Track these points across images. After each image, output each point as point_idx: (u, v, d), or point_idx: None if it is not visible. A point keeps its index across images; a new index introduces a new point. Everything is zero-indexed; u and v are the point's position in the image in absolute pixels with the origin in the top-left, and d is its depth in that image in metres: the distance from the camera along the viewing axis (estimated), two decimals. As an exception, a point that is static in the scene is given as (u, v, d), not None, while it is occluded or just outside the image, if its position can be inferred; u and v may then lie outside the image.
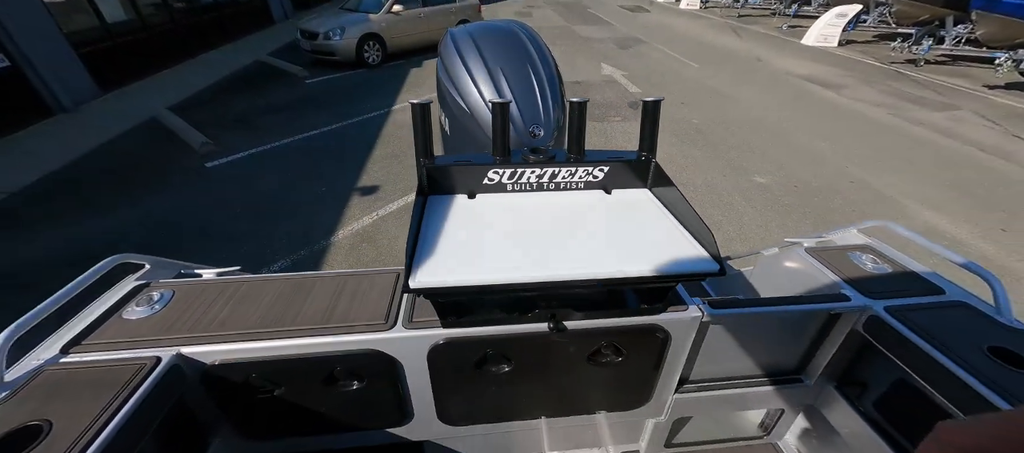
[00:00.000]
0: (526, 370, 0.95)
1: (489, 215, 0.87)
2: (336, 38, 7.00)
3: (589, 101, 0.98)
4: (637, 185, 0.99)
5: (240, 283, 1.00)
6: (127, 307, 0.92)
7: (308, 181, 3.88)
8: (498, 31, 1.52)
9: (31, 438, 0.65)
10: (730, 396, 1.13)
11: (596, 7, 14.12)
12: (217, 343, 0.83)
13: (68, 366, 0.78)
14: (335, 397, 0.93)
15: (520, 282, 0.69)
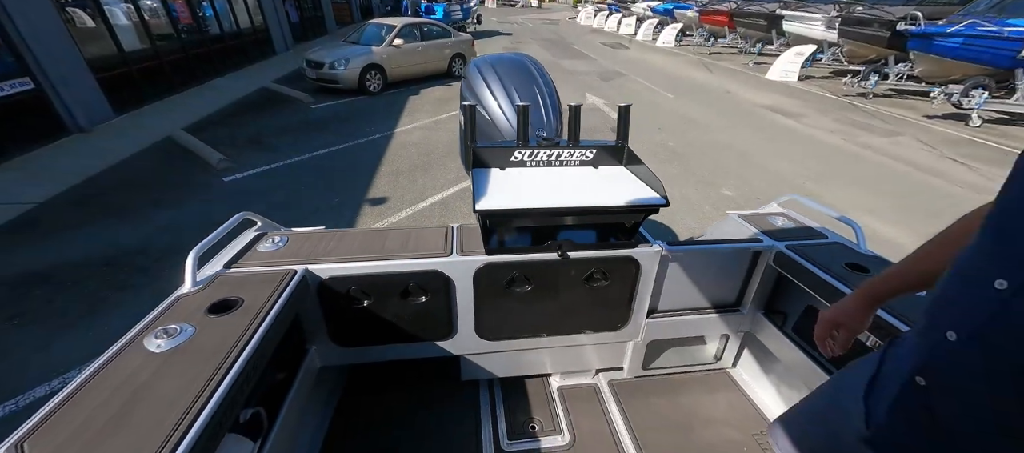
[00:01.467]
0: (541, 289, 1.34)
1: (516, 179, 1.29)
2: (340, 68, 7.52)
3: (581, 105, 1.42)
4: (615, 163, 1.42)
5: (334, 231, 1.38)
6: (259, 244, 1.29)
7: (322, 193, 4.25)
8: (511, 60, 1.99)
9: (233, 305, 1.01)
10: (688, 321, 1.53)
11: (580, 44, 15.15)
12: (329, 263, 1.21)
13: (235, 274, 1.14)
14: (406, 309, 1.30)
15: (543, 207, 1.10)
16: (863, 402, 0.69)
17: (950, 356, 0.54)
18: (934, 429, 0.57)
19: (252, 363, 0.89)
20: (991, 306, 0.50)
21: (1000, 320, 0.49)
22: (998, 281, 0.50)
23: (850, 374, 0.78)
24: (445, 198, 4.19)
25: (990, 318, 0.50)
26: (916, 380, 0.59)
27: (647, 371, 1.70)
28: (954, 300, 0.56)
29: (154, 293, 2.81)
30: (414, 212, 3.93)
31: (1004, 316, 0.49)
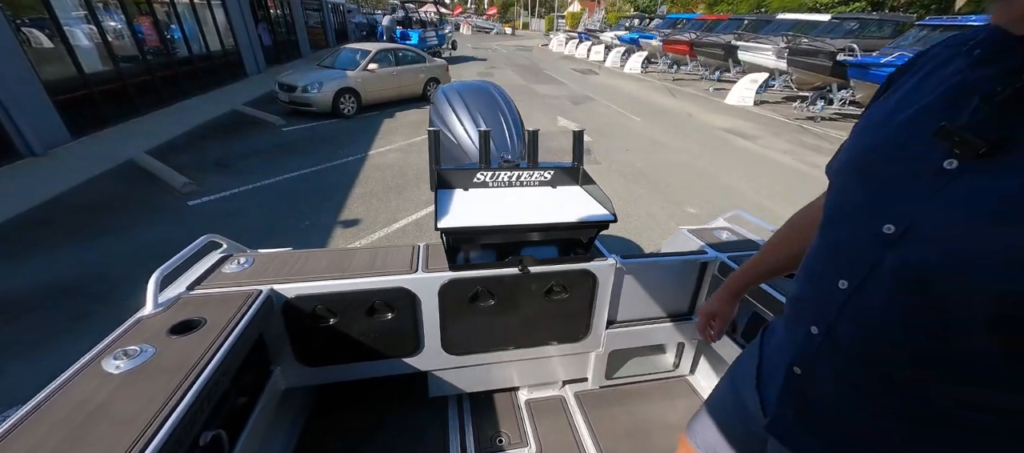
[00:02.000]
0: (504, 303, 1.41)
1: (478, 198, 1.37)
2: (314, 91, 7.53)
3: (539, 130, 1.53)
4: (571, 183, 1.53)
5: (301, 252, 1.41)
6: (224, 265, 1.30)
7: (292, 216, 4.20)
8: (477, 87, 2.10)
9: (195, 325, 1.03)
10: (646, 331, 1.63)
11: (552, 70, 15.71)
12: (295, 282, 1.24)
13: (198, 295, 1.16)
14: (372, 326, 1.33)
15: (504, 225, 1.18)
16: (756, 392, 0.77)
17: (816, 347, 0.61)
18: (811, 413, 0.65)
19: (213, 383, 0.91)
20: (839, 302, 0.56)
21: (849, 315, 0.56)
22: (841, 281, 0.56)
23: (740, 366, 0.88)
24: (419, 219, 4.23)
25: (840, 313, 0.56)
26: (793, 369, 0.66)
27: (611, 381, 1.77)
28: (810, 298, 0.63)
29: (111, 321, 2.70)
30: (387, 233, 3.95)
31: (852, 311, 0.55)
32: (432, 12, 19.89)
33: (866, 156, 0.57)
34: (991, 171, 0.44)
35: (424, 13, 19.39)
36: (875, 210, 0.52)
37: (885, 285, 0.51)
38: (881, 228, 0.51)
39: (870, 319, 0.53)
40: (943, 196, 0.47)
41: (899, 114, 0.55)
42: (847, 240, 0.57)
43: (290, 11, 15.23)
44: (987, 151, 0.44)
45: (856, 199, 0.56)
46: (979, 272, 0.44)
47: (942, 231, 0.46)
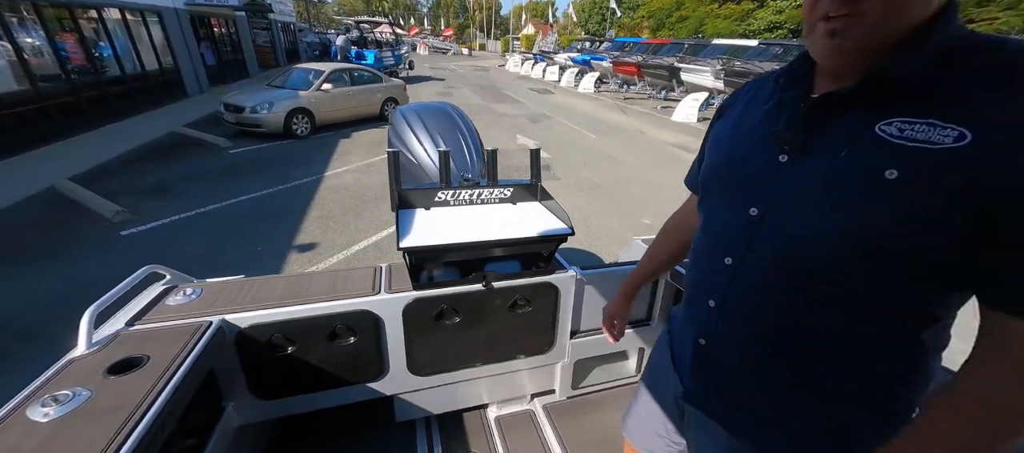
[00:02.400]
0: (470, 319, 1.42)
1: (440, 217, 1.39)
2: (263, 112, 7.23)
3: (498, 149, 1.58)
4: (531, 199, 1.58)
5: (255, 279, 1.35)
6: (168, 297, 1.22)
7: (242, 243, 3.97)
8: (436, 108, 2.13)
9: (137, 363, 0.96)
10: (608, 339, 1.69)
11: (509, 89, 16.07)
12: (249, 311, 1.19)
13: (139, 331, 1.08)
14: (334, 352, 1.30)
15: (466, 242, 1.20)
16: (675, 371, 0.87)
17: (714, 319, 0.72)
18: (716, 381, 0.74)
19: (159, 425, 0.85)
20: (727, 277, 0.68)
21: (736, 285, 0.67)
22: (726, 258, 0.68)
23: (655, 355, 1.00)
24: (379, 240, 4.14)
25: (729, 286, 0.68)
26: (699, 342, 0.77)
27: (577, 391, 1.81)
28: (705, 277, 0.74)
29: (33, 366, 2.40)
30: (346, 256, 3.83)
31: (738, 283, 0.67)
32: (388, 32, 19.84)
33: (728, 163, 0.71)
34: (807, 164, 0.59)
35: (379, 34, 19.30)
36: (743, 199, 0.66)
37: (759, 257, 0.63)
38: (748, 211, 0.65)
39: (752, 287, 0.65)
40: (782, 183, 0.61)
41: (741, 130, 0.71)
42: (726, 226, 0.69)
43: (236, 29, 14.63)
44: (801, 148, 0.59)
45: (728, 195, 0.70)
46: (815, 242, 0.56)
47: (786, 208, 0.60)
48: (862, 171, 0.52)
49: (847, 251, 0.54)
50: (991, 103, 0.47)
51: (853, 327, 0.57)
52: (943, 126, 0.48)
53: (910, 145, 0.49)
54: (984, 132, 0.46)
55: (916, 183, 0.49)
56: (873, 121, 0.53)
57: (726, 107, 0.81)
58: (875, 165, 0.51)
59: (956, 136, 0.47)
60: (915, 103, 0.51)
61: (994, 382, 0.49)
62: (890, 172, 0.50)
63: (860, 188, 0.52)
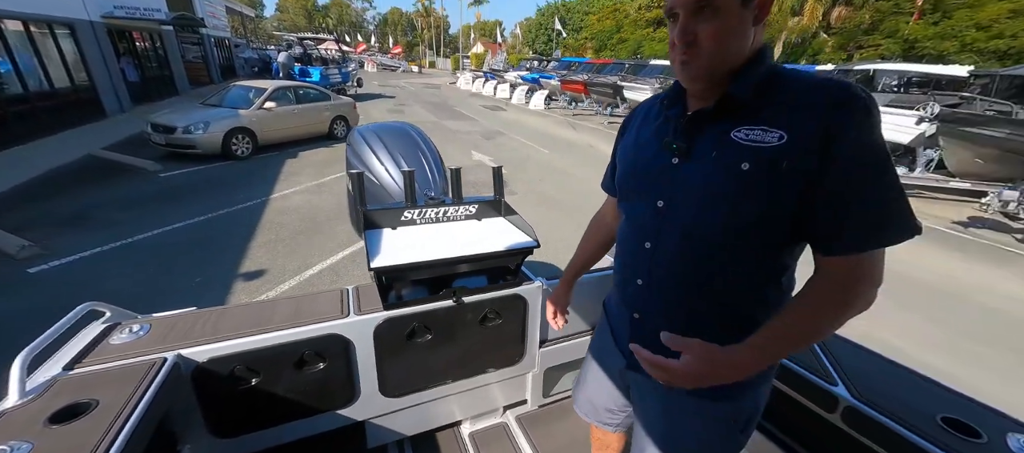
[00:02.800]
0: (441, 336, 1.43)
1: (408, 236, 1.40)
2: (198, 132, 6.75)
3: (462, 168, 1.63)
4: (495, 215, 1.63)
5: (211, 310, 1.28)
6: (111, 337, 1.13)
7: (177, 275, 3.65)
8: (395, 128, 2.14)
9: (83, 410, 0.88)
10: (576, 344, 1.76)
11: (462, 107, 16.19)
12: (208, 344, 1.12)
13: (82, 375, 0.99)
14: (302, 380, 1.25)
15: (437, 259, 1.23)
16: (617, 347, 1.02)
17: (644, 296, 0.88)
18: (651, 345, 0.84)
19: None
20: (648, 258, 0.85)
21: (657, 263, 0.84)
22: (646, 243, 0.85)
23: (598, 334, 1.19)
24: (335, 263, 3.98)
25: (651, 265, 0.85)
26: (634, 316, 0.92)
27: (548, 398, 1.86)
28: (631, 262, 0.90)
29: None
30: (299, 281, 3.64)
31: (656, 259, 0.84)
32: (333, 49, 19.31)
33: (635, 170, 0.89)
34: (691, 164, 0.77)
35: (325, 50, 18.74)
36: (651, 195, 0.84)
37: (670, 236, 0.81)
38: (656, 204, 0.82)
39: (669, 260, 0.83)
40: (676, 179, 0.79)
41: (641, 142, 0.90)
42: (642, 217, 0.86)
43: (163, 44, 13.58)
44: (685, 152, 0.78)
45: (640, 194, 0.87)
46: (689, 228, 0.78)
47: (683, 198, 0.79)
48: (726, 166, 0.72)
49: (724, 222, 0.74)
50: (793, 116, 0.68)
51: (739, 275, 0.78)
52: (769, 130, 0.69)
53: (752, 145, 0.70)
54: (793, 134, 0.67)
55: (760, 170, 0.69)
56: (728, 130, 0.73)
57: (627, 124, 1.00)
58: (734, 161, 0.71)
59: (778, 137, 0.68)
60: (751, 116, 0.72)
61: (815, 293, 0.71)
62: (744, 164, 0.70)
63: (727, 178, 0.72)
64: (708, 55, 0.72)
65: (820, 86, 0.68)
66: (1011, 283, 4.20)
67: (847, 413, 1.10)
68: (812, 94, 0.68)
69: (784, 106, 0.70)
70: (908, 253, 4.76)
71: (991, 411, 1.04)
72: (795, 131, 0.67)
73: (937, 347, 3.19)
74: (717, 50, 0.71)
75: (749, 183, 0.70)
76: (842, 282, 0.68)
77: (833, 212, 0.67)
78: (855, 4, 17.44)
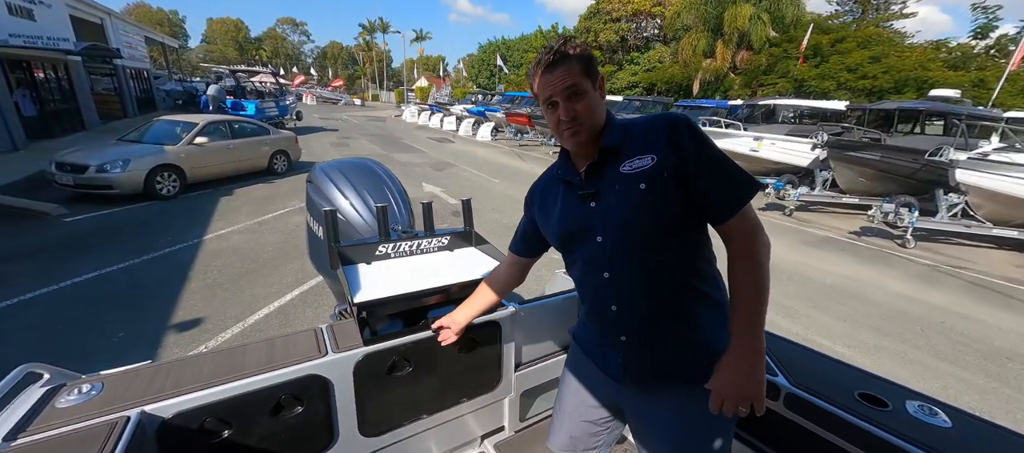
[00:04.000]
0: (421, 368, 1.44)
1: (384, 270, 1.42)
2: (115, 170, 6.11)
3: (432, 202, 1.69)
4: (467, 245, 1.70)
5: (170, 362, 1.19)
6: (56, 400, 1.02)
7: (91, 332, 3.21)
8: (357, 164, 2.16)
9: None
10: (549, 365, 1.83)
11: (409, 139, 16.16)
12: (174, 397, 1.05)
13: (26, 445, 0.89)
14: (279, 426, 1.20)
15: (416, 290, 1.26)
16: (606, 373, 1.13)
17: (622, 316, 1.02)
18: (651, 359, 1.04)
19: None
20: (611, 284, 1.01)
21: (620, 288, 1.00)
22: (603, 273, 1.01)
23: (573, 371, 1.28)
24: (284, 305, 3.74)
25: (617, 290, 1.01)
26: (622, 339, 1.04)
27: (525, 422, 1.89)
28: (598, 289, 1.04)
29: None
30: (243, 328, 3.37)
31: (618, 286, 1.00)
32: (269, 82, 18.55)
33: (569, 228, 1.06)
34: (603, 202, 0.98)
35: (259, 83, 17.94)
36: (590, 235, 1.01)
37: (618, 259, 0.99)
38: (596, 239, 1.00)
39: (627, 278, 0.99)
40: (600, 217, 0.99)
41: (561, 208, 1.08)
42: (590, 254, 1.03)
43: (68, 75, 12.24)
44: (596, 195, 0.99)
45: (582, 242, 1.04)
46: (626, 243, 0.97)
47: (613, 228, 0.98)
48: (629, 191, 0.94)
49: (651, 229, 0.94)
50: (649, 144, 0.94)
51: (678, 259, 0.97)
52: (643, 156, 0.94)
53: (639, 171, 0.94)
54: (658, 153, 0.92)
55: (653, 185, 0.92)
56: (617, 168, 0.97)
57: (532, 198, 1.23)
58: (633, 185, 0.93)
59: (651, 159, 0.93)
60: (628, 154, 0.96)
61: (735, 253, 0.93)
62: (641, 185, 0.93)
63: (634, 198, 0.94)
64: (588, 124, 0.96)
65: (654, 121, 0.97)
66: (895, 281, 4.97)
67: (788, 399, 1.27)
68: (652, 128, 0.96)
69: (640, 140, 0.96)
70: (815, 260, 5.46)
71: (893, 384, 1.27)
72: (657, 151, 0.93)
73: (844, 336, 3.67)
74: (591, 120, 0.96)
75: (651, 196, 0.92)
76: (742, 235, 0.92)
77: (708, 195, 0.92)
78: (755, 48, 20.21)
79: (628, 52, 28.50)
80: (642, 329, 1.01)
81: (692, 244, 0.98)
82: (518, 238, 1.30)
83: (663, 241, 0.95)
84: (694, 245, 0.98)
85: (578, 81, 0.95)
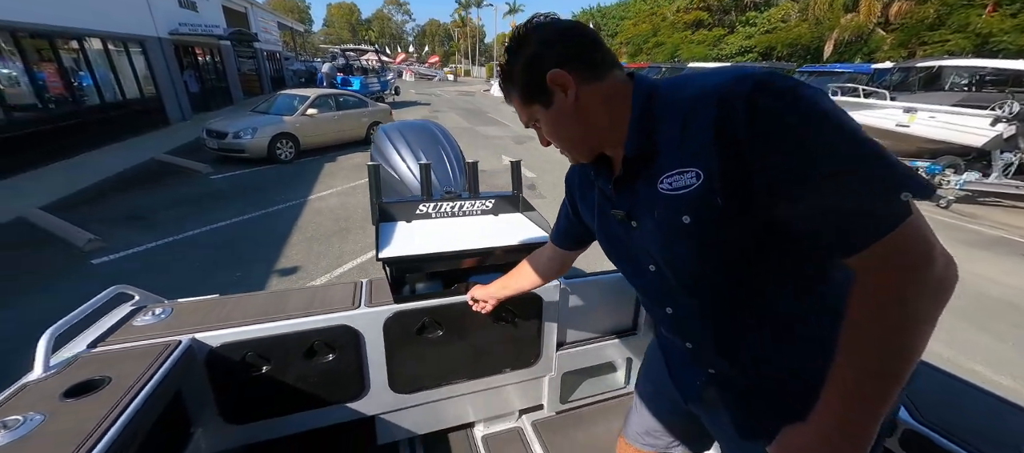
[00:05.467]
0: (453, 333, 1.39)
1: (421, 229, 1.38)
2: (247, 137, 7.18)
3: (478, 161, 1.59)
4: (513, 211, 1.58)
5: (229, 298, 1.30)
6: (135, 318, 1.17)
7: (221, 268, 3.86)
8: (417, 126, 2.15)
9: (97, 386, 0.91)
10: (594, 349, 1.67)
11: (495, 113, 16.34)
12: (221, 329, 1.14)
13: (102, 353, 1.03)
14: (311, 370, 1.25)
15: (445, 251, 1.19)
16: (671, 383, 0.95)
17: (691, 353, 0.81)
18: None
19: (119, 449, 0.80)
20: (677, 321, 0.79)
21: (687, 326, 0.78)
22: (666, 308, 0.78)
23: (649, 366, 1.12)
24: (365, 262, 4.07)
25: (683, 328, 0.79)
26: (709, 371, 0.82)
27: (566, 405, 1.77)
28: (664, 322, 0.83)
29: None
30: (331, 278, 3.75)
31: (686, 324, 0.77)
32: (374, 60, 20.12)
33: (610, 245, 0.84)
34: (644, 227, 0.71)
35: (366, 61, 19.55)
36: (638, 263, 0.78)
37: (680, 298, 0.74)
38: (648, 268, 0.76)
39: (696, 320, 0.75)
40: (644, 242, 0.72)
41: (595, 213, 0.85)
42: (643, 284, 0.80)
43: (221, 58, 14.67)
44: (631, 217, 0.72)
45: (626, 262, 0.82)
46: (685, 285, 0.71)
47: (659, 262, 0.72)
48: (670, 225, 0.64)
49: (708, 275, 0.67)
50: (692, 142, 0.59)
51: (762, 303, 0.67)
52: (685, 170, 0.60)
53: (678, 194, 0.61)
54: (705, 165, 0.58)
55: (701, 218, 0.60)
56: (654, 182, 0.64)
57: (572, 185, 0.98)
58: (674, 217, 0.63)
59: (694, 175, 0.59)
60: (661, 159, 0.63)
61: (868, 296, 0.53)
62: (684, 217, 0.62)
63: (678, 236, 0.64)
64: (570, 148, 0.75)
65: (700, 96, 0.58)
66: (1115, 304, 3.64)
67: (908, 437, 0.95)
68: (695, 111, 0.58)
69: (678, 136, 0.61)
70: (981, 265, 4.25)
71: None
72: (703, 159, 0.58)
73: (1009, 364, 2.79)
74: (570, 143, 0.74)
75: (698, 233, 0.62)
76: (889, 270, 0.51)
77: (818, 218, 0.53)
78: (918, -2, 16.12)
79: (744, 12, 24.89)
80: (728, 378, 0.79)
81: (791, 264, 0.63)
82: (559, 228, 1.09)
83: (737, 279, 0.65)
84: (796, 265, 0.64)
85: (524, 110, 0.74)
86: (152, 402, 0.91)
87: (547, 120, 0.71)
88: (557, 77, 0.65)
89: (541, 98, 0.69)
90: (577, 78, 0.65)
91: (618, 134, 0.67)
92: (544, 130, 0.74)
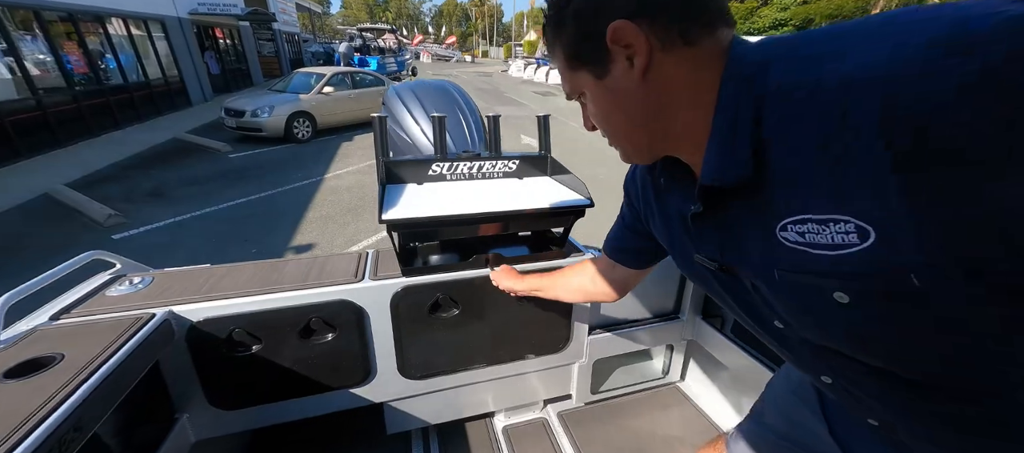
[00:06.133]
0: (471, 312, 1.20)
1: (434, 192, 1.18)
2: (264, 116, 7.12)
3: (500, 115, 1.37)
4: (540, 173, 1.36)
5: (219, 267, 1.15)
6: (110, 288, 1.02)
7: (236, 244, 3.80)
8: (432, 84, 1.93)
9: (46, 364, 0.76)
10: (631, 334, 1.46)
11: (513, 93, 15.94)
12: (204, 301, 0.98)
13: (64, 326, 0.88)
14: (309, 351, 1.08)
15: (459, 214, 0.99)
16: (822, 418, 0.67)
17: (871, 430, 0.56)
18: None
19: (60, 438, 0.64)
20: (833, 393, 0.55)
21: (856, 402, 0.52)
22: (823, 377, 0.52)
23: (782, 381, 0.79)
24: (379, 240, 3.94)
25: (855, 405, 0.53)
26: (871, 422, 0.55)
27: (597, 396, 1.58)
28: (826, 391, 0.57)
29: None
30: (344, 257, 3.64)
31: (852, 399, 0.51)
32: (391, 41, 19.89)
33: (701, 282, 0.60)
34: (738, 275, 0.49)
35: (383, 42, 19.34)
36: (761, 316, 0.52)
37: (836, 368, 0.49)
38: (774, 323, 0.50)
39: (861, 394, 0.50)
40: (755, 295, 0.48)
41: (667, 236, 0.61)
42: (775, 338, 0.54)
43: (240, 40, 14.70)
44: (727, 269, 0.50)
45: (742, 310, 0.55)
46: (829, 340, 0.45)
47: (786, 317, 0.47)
48: (808, 297, 0.40)
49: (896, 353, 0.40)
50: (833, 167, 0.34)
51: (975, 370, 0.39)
52: (834, 219, 0.35)
53: (824, 255, 0.36)
54: (874, 221, 0.33)
55: (874, 300, 0.36)
56: (771, 226, 0.40)
57: (631, 192, 0.71)
58: (816, 288, 0.39)
59: (858, 233, 0.34)
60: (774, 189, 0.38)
61: None
62: (839, 295, 0.37)
63: (829, 318, 0.40)
64: (624, 142, 0.53)
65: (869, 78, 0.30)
66: None
67: None
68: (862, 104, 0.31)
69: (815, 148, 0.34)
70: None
71: None
72: (873, 209, 0.32)
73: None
74: (624, 136, 0.52)
75: (876, 318, 0.37)
76: None
77: None
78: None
79: (777, -18, 23.38)
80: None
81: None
82: (614, 240, 0.82)
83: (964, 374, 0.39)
84: None
85: (568, 76, 0.51)
86: (112, 384, 0.76)
87: (596, 96, 0.48)
88: (623, 32, 0.41)
89: (593, 62, 0.46)
90: (657, 37, 0.41)
91: (681, 143, 0.47)
92: (590, 110, 0.52)
